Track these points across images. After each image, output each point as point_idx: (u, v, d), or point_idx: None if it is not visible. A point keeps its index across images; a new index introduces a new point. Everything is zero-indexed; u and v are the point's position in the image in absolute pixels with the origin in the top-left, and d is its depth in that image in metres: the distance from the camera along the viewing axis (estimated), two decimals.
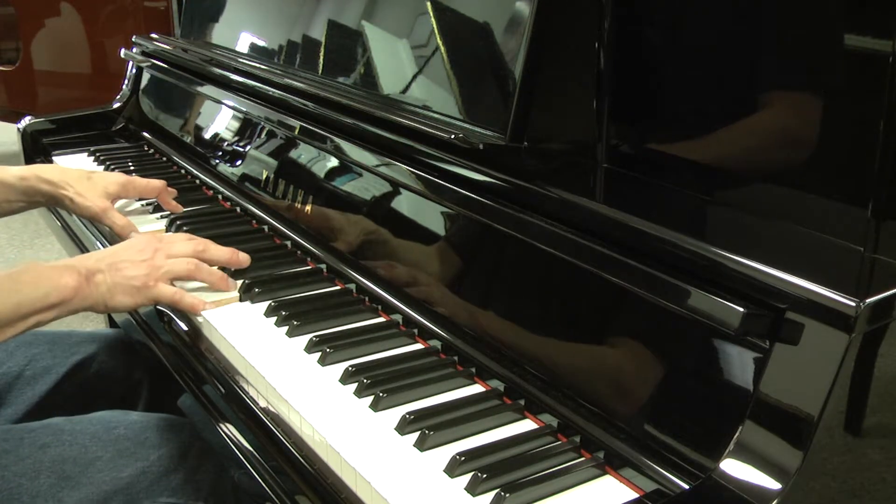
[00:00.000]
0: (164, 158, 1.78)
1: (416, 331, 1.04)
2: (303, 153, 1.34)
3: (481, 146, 0.96)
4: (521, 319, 0.92)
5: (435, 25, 1.11)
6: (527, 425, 0.86)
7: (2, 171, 1.33)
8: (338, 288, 1.17)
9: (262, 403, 0.96)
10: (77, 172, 1.39)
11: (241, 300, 1.13)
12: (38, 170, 1.36)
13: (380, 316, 1.09)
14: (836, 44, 0.79)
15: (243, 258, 1.19)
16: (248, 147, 1.50)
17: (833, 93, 0.80)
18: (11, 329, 1.01)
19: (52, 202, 1.38)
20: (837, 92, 0.80)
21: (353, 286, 1.16)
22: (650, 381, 0.79)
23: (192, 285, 1.16)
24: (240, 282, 1.16)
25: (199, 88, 1.69)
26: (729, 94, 0.89)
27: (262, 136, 1.47)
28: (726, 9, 0.89)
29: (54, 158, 1.83)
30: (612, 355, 0.83)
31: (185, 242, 1.16)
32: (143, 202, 1.50)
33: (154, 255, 1.11)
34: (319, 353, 0.98)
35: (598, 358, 0.84)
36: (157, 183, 1.44)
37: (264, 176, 1.40)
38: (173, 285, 1.12)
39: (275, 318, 1.07)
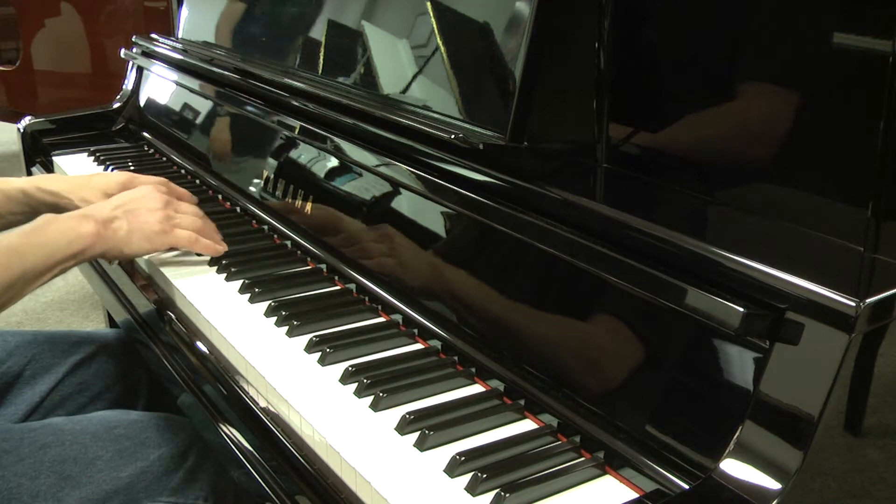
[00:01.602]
0: (164, 158, 1.78)
1: (416, 331, 1.04)
2: (303, 153, 1.34)
3: (481, 146, 0.96)
4: (521, 319, 0.92)
5: (435, 25, 1.11)
6: (527, 425, 0.86)
7: (2, 182, 1.33)
8: (338, 288, 1.17)
9: (262, 403, 0.96)
10: (77, 180, 1.39)
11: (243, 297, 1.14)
12: (39, 181, 1.37)
13: (380, 316, 1.09)
14: (836, 42, 0.79)
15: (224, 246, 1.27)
16: (248, 147, 1.50)
17: (833, 93, 0.80)
18: (41, 279, 1.08)
19: (56, 211, 1.38)
20: (838, 91, 0.80)
21: (353, 286, 1.16)
22: (650, 381, 0.79)
23: (194, 289, 1.16)
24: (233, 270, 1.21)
25: (199, 88, 1.69)
26: (729, 94, 0.89)
27: (262, 135, 1.47)
28: (726, 8, 0.89)
29: (54, 158, 1.83)
30: (612, 355, 0.83)
31: (191, 205, 1.25)
32: None
33: (166, 206, 1.19)
34: (319, 353, 0.98)
35: (598, 358, 0.84)
36: (158, 180, 1.44)
37: (264, 176, 1.40)
38: None
39: (275, 318, 1.07)
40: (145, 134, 1.92)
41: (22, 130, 1.92)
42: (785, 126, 0.85)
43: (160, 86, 1.92)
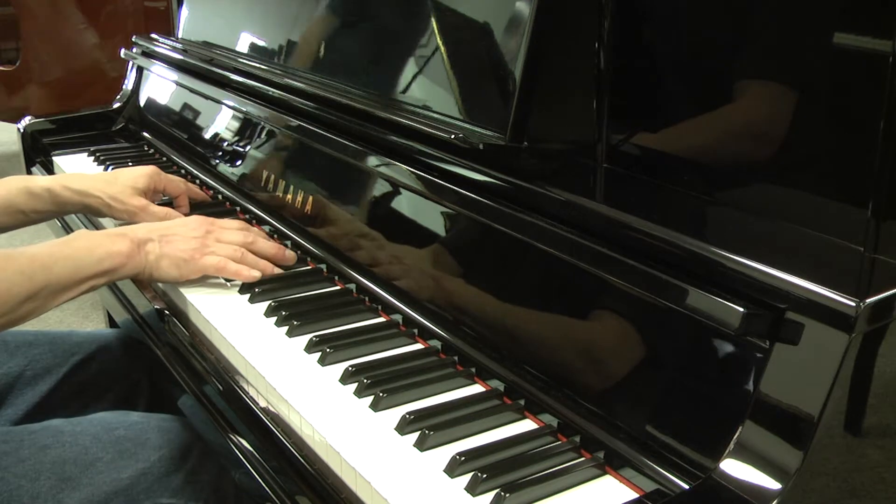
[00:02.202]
0: (164, 158, 1.78)
1: (416, 331, 1.04)
2: (303, 153, 1.34)
3: (481, 146, 0.96)
4: (521, 319, 0.92)
5: (435, 25, 1.11)
6: (527, 425, 0.86)
7: (28, 181, 1.33)
8: (338, 288, 1.17)
9: (263, 403, 0.96)
10: (102, 177, 1.38)
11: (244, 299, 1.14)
12: (65, 180, 1.36)
13: (380, 316, 1.09)
14: (836, 42, 0.79)
15: (289, 256, 1.21)
16: (248, 147, 1.50)
17: (833, 93, 0.80)
18: (68, 293, 1.05)
19: (84, 210, 1.38)
20: (838, 92, 0.80)
21: (353, 286, 1.16)
22: (650, 381, 0.79)
23: (195, 289, 1.16)
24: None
25: (199, 88, 1.69)
26: (729, 94, 0.89)
27: (262, 136, 1.47)
28: (726, 8, 0.89)
29: (54, 158, 1.83)
30: (612, 355, 0.83)
31: (236, 232, 1.19)
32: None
33: (205, 236, 1.16)
34: (319, 353, 0.98)
35: (598, 358, 0.84)
36: (180, 180, 1.44)
37: (264, 176, 1.40)
38: None
39: (275, 318, 1.07)
40: (145, 134, 1.92)
41: (22, 130, 1.92)
42: (785, 126, 0.85)
43: (160, 86, 1.92)
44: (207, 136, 1.67)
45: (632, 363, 0.81)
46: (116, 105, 2.02)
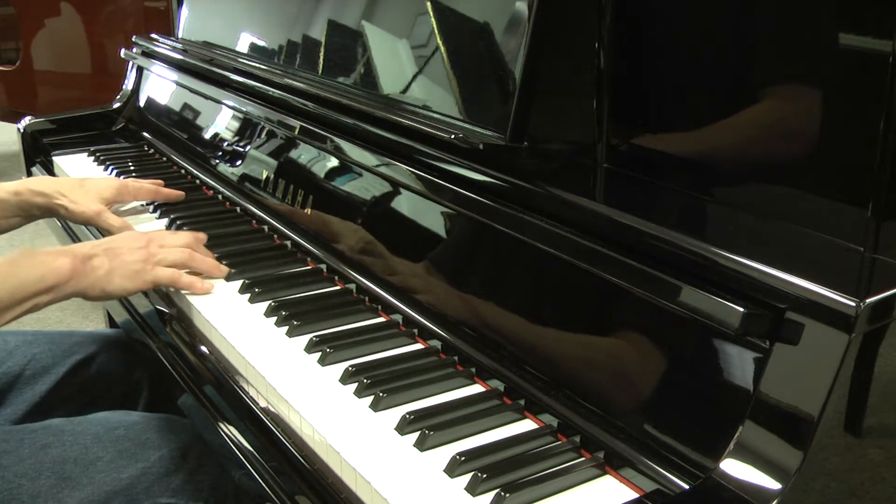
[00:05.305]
0: (164, 158, 1.78)
1: (416, 331, 1.04)
2: (303, 153, 1.34)
3: (481, 146, 0.96)
4: (521, 320, 0.92)
5: (435, 25, 1.11)
6: (527, 425, 0.86)
7: None
8: (338, 288, 1.17)
9: (262, 403, 0.96)
10: (69, 181, 1.41)
11: (242, 298, 1.14)
12: (30, 183, 1.39)
13: (380, 316, 1.09)
14: (836, 43, 0.79)
15: (224, 270, 1.21)
16: (248, 147, 1.50)
17: (833, 92, 0.80)
18: (10, 313, 1.04)
19: (48, 213, 1.41)
20: (837, 91, 0.80)
21: (353, 286, 1.16)
22: (650, 381, 0.79)
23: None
24: (233, 273, 1.20)
25: (199, 88, 1.69)
26: (729, 93, 0.89)
27: (262, 136, 1.47)
28: (726, 8, 0.89)
29: (54, 158, 1.83)
30: (611, 355, 0.83)
31: (179, 235, 1.22)
32: (141, 203, 1.50)
33: (148, 244, 1.16)
34: (319, 353, 0.98)
35: (598, 358, 0.84)
36: (149, 186, 1.46)
37: (264, 176, 1.40)
38: None
39: (275, 318, 1.07)
40: (145, 134, 1.92)
41: (22, 130, 1.92)
42: (785, 126, 0.85)
43: (160, 86, 1.92)
44: (207, 136, 1.67)
45: (632, 363, 0.81)
46: (116, 105, 2.02)
